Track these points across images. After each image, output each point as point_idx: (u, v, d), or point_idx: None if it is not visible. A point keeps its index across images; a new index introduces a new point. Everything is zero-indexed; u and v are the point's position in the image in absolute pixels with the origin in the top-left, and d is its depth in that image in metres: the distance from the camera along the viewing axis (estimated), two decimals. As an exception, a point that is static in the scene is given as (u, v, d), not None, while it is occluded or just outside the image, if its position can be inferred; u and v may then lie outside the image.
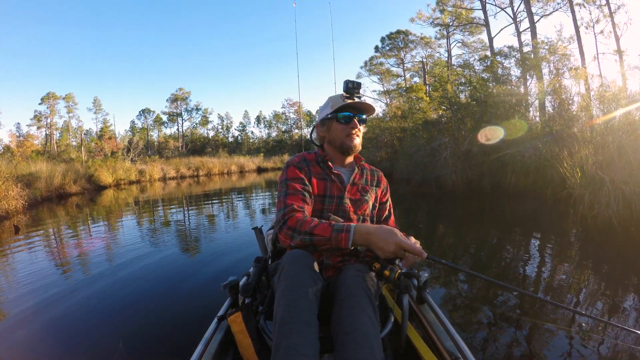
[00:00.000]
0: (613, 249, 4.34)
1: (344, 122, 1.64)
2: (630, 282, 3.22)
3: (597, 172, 5.55)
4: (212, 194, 13.61)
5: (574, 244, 4.71)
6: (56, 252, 5.10)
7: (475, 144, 10.12)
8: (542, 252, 4.38)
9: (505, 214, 7.24)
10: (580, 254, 4.25)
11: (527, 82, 13.77)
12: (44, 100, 47.49)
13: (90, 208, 10.41)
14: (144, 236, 5.96)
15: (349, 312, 1.19)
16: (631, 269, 3.54)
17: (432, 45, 30.65)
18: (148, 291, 3.40)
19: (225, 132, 62.62)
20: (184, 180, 22.36)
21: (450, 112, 11.83)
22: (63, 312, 2.95)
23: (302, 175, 1.59)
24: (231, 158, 35.46)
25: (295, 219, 1.39)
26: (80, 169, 16.66)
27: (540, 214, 6.74)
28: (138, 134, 54.05)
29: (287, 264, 1.27)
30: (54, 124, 47.97)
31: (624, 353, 2.13)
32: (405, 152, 12.94)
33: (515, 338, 2.33)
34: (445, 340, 1.55)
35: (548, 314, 2.64)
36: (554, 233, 5.21)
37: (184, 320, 2.69)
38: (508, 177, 9.11)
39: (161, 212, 8.99)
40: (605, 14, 19.53)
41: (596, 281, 3.35)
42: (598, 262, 3.91)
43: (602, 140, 6.47)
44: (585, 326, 2.43)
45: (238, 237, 5.58)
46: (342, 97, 1.64)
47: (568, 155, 6.46)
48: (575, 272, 3.60)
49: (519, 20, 21.18)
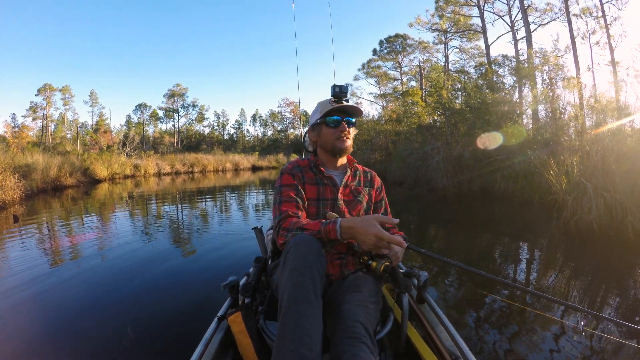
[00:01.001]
0: (592, 252, 4.56)
1: (333, 126, 1.68)
2: (609, 283, 3.43)
3: (580, 179, 5.78)
4: (209, 191, 13.72)
5: (557, 247, 4.92)
6: (54, 248, 5.05)
7: (467, 149, 10.35)
8: (526, 254, 4.60)
9: (493, 217, 7.45)
10: (563, 256, 4.47)
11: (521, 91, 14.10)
12: (41, 92, 47.11)
13: (87, 202, 10.47)
14: (142, 234, 5.92)
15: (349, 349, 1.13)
16: (612, 271, 3.78)
17: (430, 50, 30.85)
18: (148, 291, 3.35)
19: (220, 130, 62.56)
20: (178, 176, 22.50)
21: (444, 118, 12.06)
22: (63, 311, 2.91)
23: (295, 182, 1.63)
24: (226, 155, 35.53)
25: (289, 222, 1.45)
26: (76, 162, 16.75)
27: (527, 218, 6.95)
28: (134, 128, 53.87)
29: (293, 245, 1.29)
30: (50, 115, 47.68)
31: (623, 348, 2.20)
32: (399, 155, 13.16)
33: (515, 337, 2.35)
34: (445, 340, 1.57)
35: (547, 311, 2.70)
36: (539, 236, 5.43)
37: (184, 320, 2.68)
38: (498, 182, 9.33)
39: (159, 209, 9.02)
40: (601, 25, 19.89)
41: (576, 282, 3.55)
42: (579, 264, 4.12)
43: (588, 149, 6.70)
44: (585, 322, 2.49)
45: (238, 236, 5.57)
46: (330, 101, 1.69)
47: (555, 163, 6.69)
48: (556, 273, 3.80)
49: (516, 29, 21.51)
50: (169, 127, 59.14)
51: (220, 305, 1.84)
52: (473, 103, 11.26)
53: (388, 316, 1.56)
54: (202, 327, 1.73)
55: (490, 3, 22.77)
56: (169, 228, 6.49)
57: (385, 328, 1.48)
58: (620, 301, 2.96)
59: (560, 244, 5.04)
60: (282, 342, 1.08)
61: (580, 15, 20.54)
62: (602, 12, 19.89)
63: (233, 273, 1.88)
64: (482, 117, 10.64)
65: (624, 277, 3.60)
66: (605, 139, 6.75)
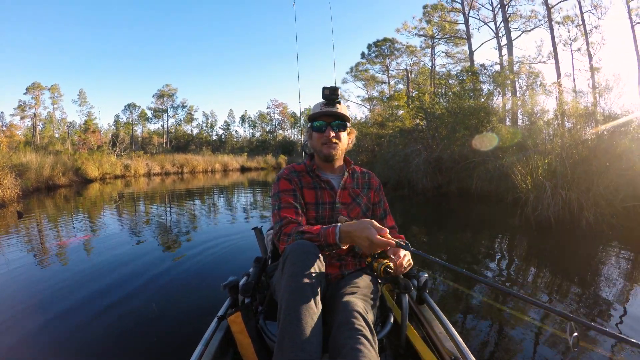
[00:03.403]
0: (550, 242, 5.21)
1: (318, 131, 1.67)
2: (563, 270, 3.96)
3: (540, 179, 6.43)
4: (205, 191, 13.93)
5: (520, 239, 5.59)
6: (54, 247, 5.04)
7: (445, 152, 10.96)
8: (494, 247, 5.22)
9: (469, 215, 8.07)
10: (524, 247, 5.21)
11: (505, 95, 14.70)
12: (29, 90, 46.61)
13: (81, 201, 10.61)
14: (141, 235, 5.90)
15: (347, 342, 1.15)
16: (567, 259, 4.38)
17: (417, 54, 31.48)
18: (147, 291, 3.35)
19: (209, 130, 62.57)
20: (168, 177, 22.67)
21: (426, 122, 12.68)
22: (62, 311, 2.90)
23: (292, 186, 1.63)
24: (215, 156, 35.50)
25: (290, 227, 1.46)
26: (67, 161, 16.90)
27: (499, 215, 7.58)
28: (122, 128, 53.65)
29: (291, 251, 1.29)
30: (38, 115, 47.25)
31: (621, 351, 2.21)
32: (382, 156, 13.75)
33: (514, 338, 2.38)
34: (445, 341, 1.57)
35: (545, 314, 2.74)
36: (506, 230, 6.11)
37: (184, 320, 2.69)
38: (474, 183, 9.92)
39: (157, 210, 9.09)
40: (582, 32, 20.78)
41: (533, 269, 4.13)
42: (536, 252, 4.82)
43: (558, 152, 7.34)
44: (578, 327, 2.68)
45: (237, 236, 5.58)
46: (320, 105, 1.68)
47: (522, 165, 7.30)
48: (517, 261, 4.43)
49: (500, 35, 22.26)
50: (158, 127, 59.02)
51: (220, 305, 1.87)
52: (452, 108, 11.89)
53: (388, 317, 1.56)
54: (202, 327, 1.74)
55: (475, 10, 23.56)
56: (168, 228, 6.51)
57: (385, 328, 1.49)
58: (580, 290, 3.33)
59: (523, 236, 5.69)
60: (282, 349, 1.10)
61: (562, 23, 21.49)
62: (582, 20, 20.81)
63: (233, 273, 1.90)
64: (462, 122, 11.23)
65: (579, 263, 4.22)
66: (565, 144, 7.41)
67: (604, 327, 0.90)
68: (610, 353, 2.17)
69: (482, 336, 2.42)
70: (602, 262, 4.20)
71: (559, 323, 2.54)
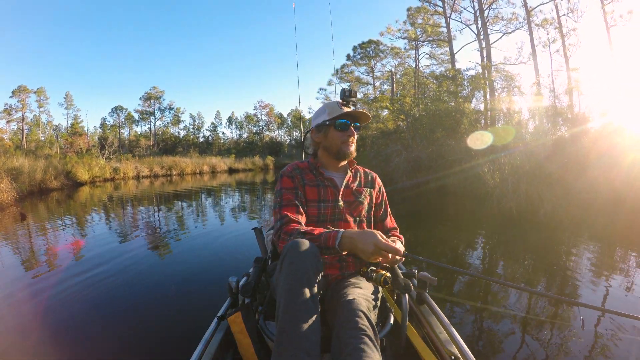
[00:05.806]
0: (511, 228, 5.95)
1: (341, 130, 1.65)
2: (522, 253, 4.62)
3: (504, 175, 7.13)
4: (200, 192, 14.21)
5: (486, 227, 6.28)
6: (54, 251, 5.05)
7: (424, 152, 11.61)
8: (466, 233, 5.89)
9: (446, 210, 8.72)
10: (489, 232, 5.93)
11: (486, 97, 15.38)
12: (15, 94, 45.86)
13: (75, 205, 10.76)
14: (140, 236, 5.95)
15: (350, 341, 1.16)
16: (528, 243, 5.07)
17: (402, 56, 31.94)
18: (148, 291, 3.39)
19: (196, 132, 62.44)
20: (157, 179, 22.76)
21: (407, 123, 13.33)
22: (62, 310, 2.95)
23: (294, 184, 1.62)
24: (203, 158, 35.33)
25: (291, 227, 1.44)
26: (58, 165, 17.00)
27: (472, 208, 8.22)
28: (108, 131, 53.31)
29: (288, 250, 1.27)
30: (25, 118, 46.65)
31: (628, 343, 2.28)
32: (365, 156, 14.38)
33: (514, 337, 2.40)
34: (445, 341, 1.57)
35: (544, 310, 2.81)
36: (477, 222, 6.74)
37: (184, 320, 2.71)
38: (451, 179, 10.58)
39: (156, 210, 9.24)
40: (560, 34, 21.64)
41: (499, 252, 4.81)
42: (501, 238, 5.57)
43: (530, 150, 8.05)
44: (581, 318, 2.58)
45: (237, 236, 5.68)
46: (339, 104, 1.67)
47: (490, 162, 7.99)
48: (482, 244, 5.19)
49: (482, 37, 22.97)
50: (145, 130, 58.72)
51: (220, 306, 1.86)
52: (430, 110, 12.57)
53: (388, 317, 1.56)
54: (202, 327, 1.74)
55: (458, 13, 24.24)
56: (167, 229, 6.58)
57: (385, 329, 1.49)
58: (545, 273, 3.80)
59: (488, 225, 6.36)
60: (281, 347, 1.10)
61: (541, 25, 22.34)
62: (559, 24, 21.67)
63: (233, 273, 1.89)
64: (439, 123, 11.89)
65: (536, 247, 4.87)
66: (532, 141, 8.13)
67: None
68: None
69: (482, 336, 2.46)
70: (563, 248, 4.83)
71: (558, 318, 2.63)
